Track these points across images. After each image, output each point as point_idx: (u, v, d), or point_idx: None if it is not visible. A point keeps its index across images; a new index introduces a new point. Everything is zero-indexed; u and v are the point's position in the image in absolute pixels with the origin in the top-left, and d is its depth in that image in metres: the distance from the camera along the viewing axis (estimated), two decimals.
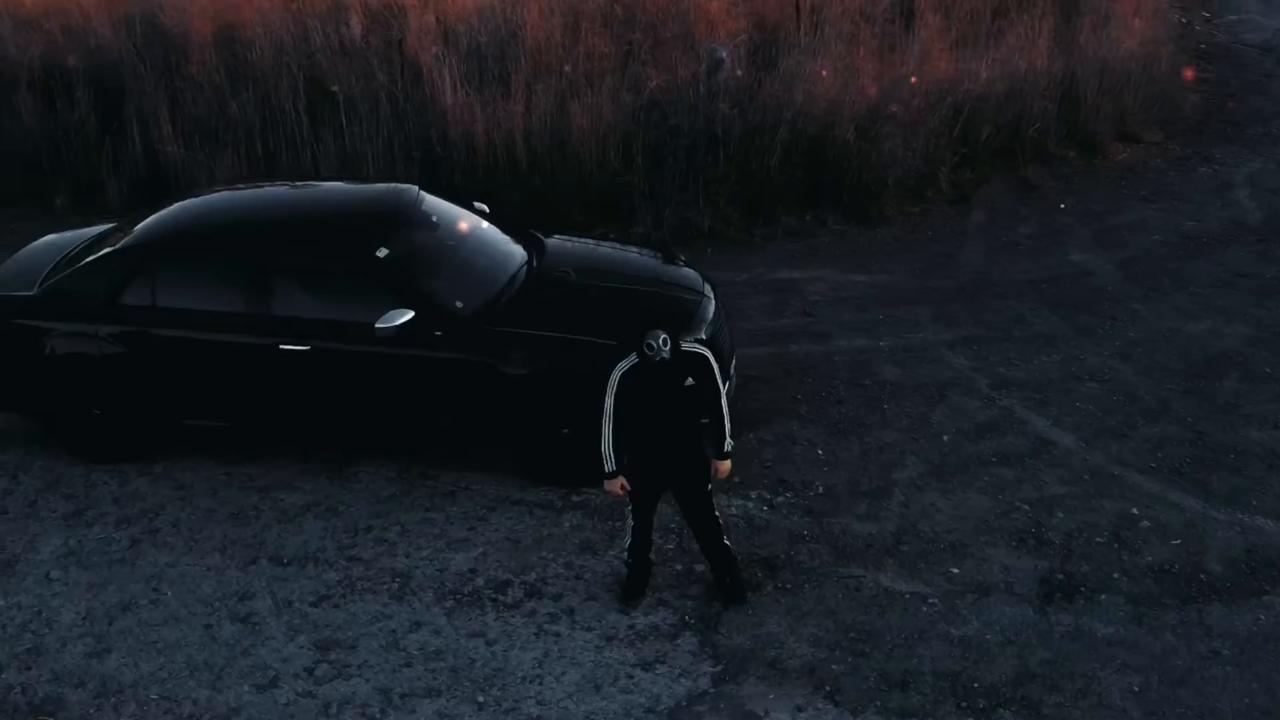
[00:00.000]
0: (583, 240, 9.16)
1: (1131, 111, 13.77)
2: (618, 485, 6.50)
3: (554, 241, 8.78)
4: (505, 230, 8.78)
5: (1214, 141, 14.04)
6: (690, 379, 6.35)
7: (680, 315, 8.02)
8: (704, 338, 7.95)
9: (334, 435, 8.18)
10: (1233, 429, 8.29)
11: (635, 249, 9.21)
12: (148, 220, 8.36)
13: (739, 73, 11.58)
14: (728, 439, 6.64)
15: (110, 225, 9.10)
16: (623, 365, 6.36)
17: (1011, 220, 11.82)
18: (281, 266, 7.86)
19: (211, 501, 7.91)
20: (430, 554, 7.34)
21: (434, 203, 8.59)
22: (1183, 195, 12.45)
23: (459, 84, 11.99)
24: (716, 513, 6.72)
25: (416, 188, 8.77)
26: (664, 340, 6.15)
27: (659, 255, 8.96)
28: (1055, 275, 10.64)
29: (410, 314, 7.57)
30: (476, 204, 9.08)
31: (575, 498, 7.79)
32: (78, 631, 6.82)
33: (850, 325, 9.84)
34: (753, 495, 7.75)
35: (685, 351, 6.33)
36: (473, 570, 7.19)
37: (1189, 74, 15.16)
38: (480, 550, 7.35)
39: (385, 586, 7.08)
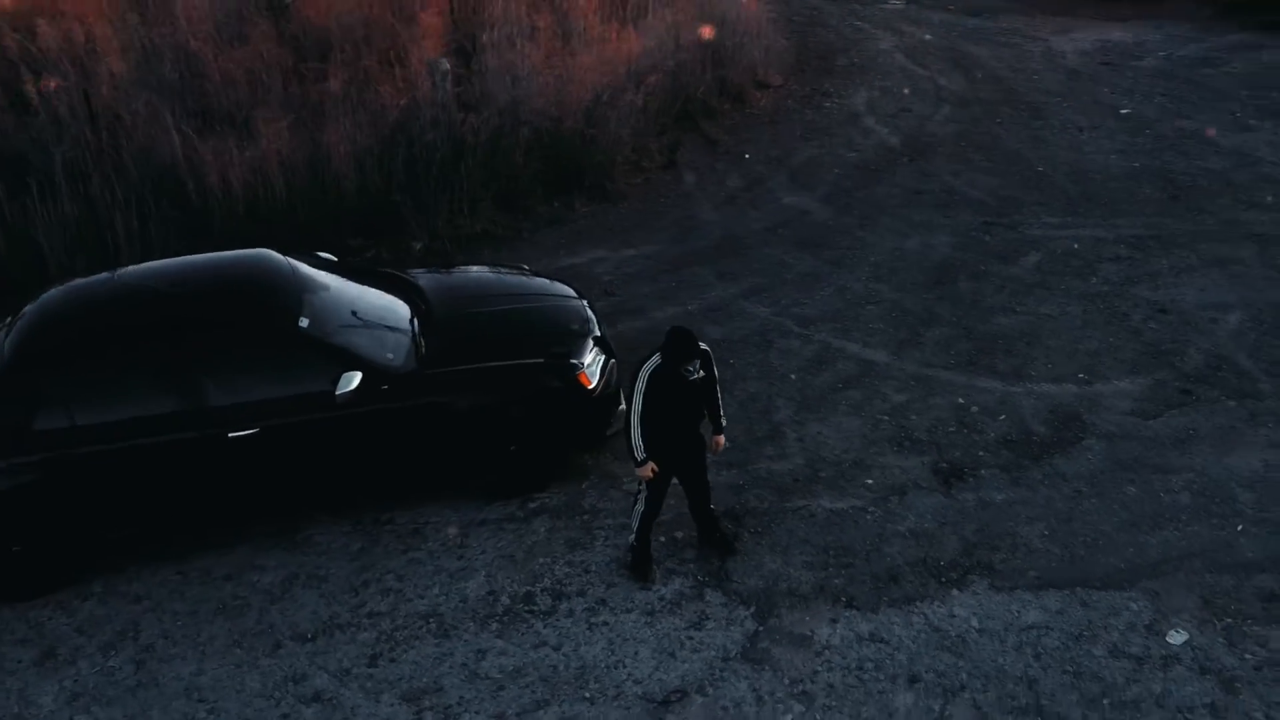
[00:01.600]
0: (446, 271, 9.67)
1: (757, 63, 15.94)
2: (648, 470, 7.44)
3: (423, 278, 9.25)
4: (370, 277, 9.15)
5: (819, 77, 16.58)
6: (702, 371, 7.39)
7: (579, 320, 8.96)
8: (600, 335, 8.96)
9: (288, 506, 8.31)
10: (987, 320, 10.55)
11: (490, 268, 9.85)
12: (23, 336, 7.89)
13: (469, 79, 12.24)
14: (722, 418, 7.77)
15: None
16: (648, 367, 7.28)
17: (717, 176, 13.53)
18: (206, 356, 7.81)
19: (183, 604, 7.84)
20: (440, 590, 7.86)
21: (302, 264, 8.76)
22: (828, 130, 14.77)
23: (179, 128, 11.70)
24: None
25: (275, 252, 8.85)
26: (697, 364, 7.17)
27: (519, 270, 9.70)
28: (783, 219, 12.49)
29: (359, 375, 7.90)
30: (322, 254, 9.32)
31: (531, 505, 8.56)
32: None
33: (654, 296, 11.10)
34: None
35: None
36: (491, 592, 7.82)
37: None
38: (484, 573, 7.97)
39: (424, 629, 7.55)
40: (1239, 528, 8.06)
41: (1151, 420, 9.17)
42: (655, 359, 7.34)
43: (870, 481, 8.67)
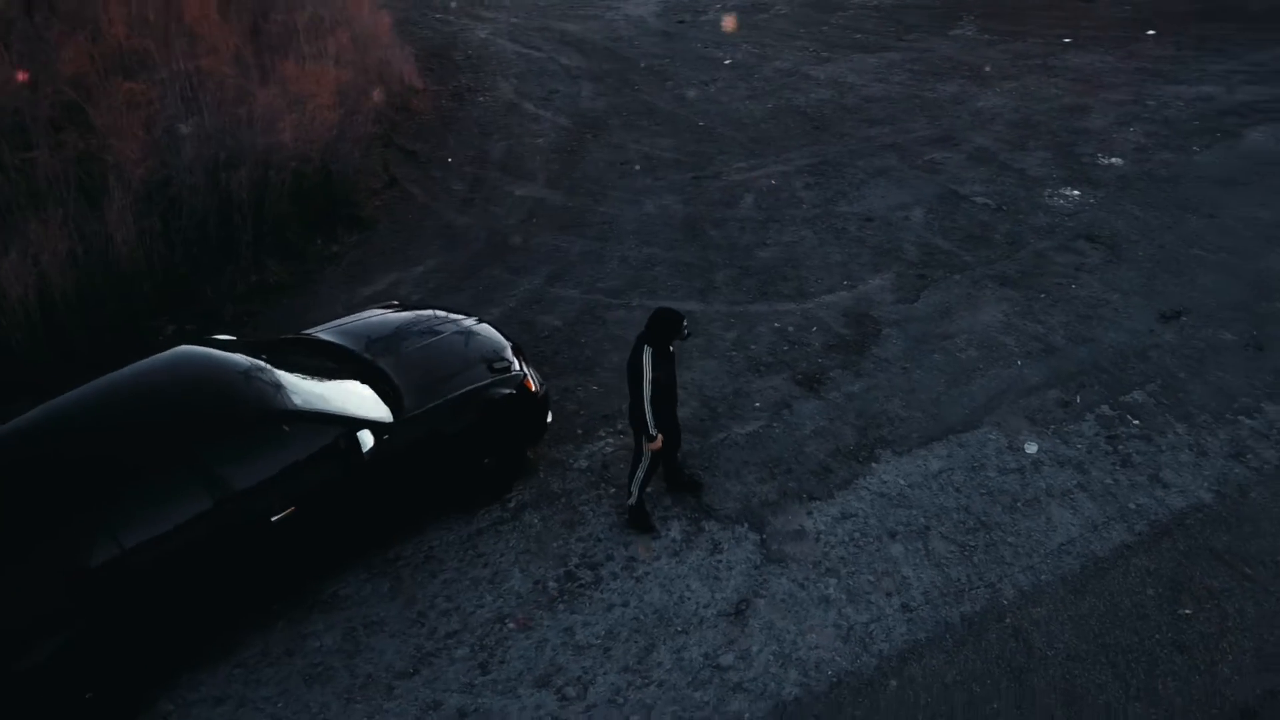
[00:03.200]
0: (343, 323, 10.14)
1: (402, 72, 16.91)
2: (660, 442, 8.86)
3: (329, 334, 9.80)
4: (283, 344, 9.59)
5: (451, 74, 17.85)
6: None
7: (490, 336, 10.02)
8: (515, 343, 10.11)
9: (325, 568, 8.77)
10: (751, 256, 12.75)
11: (374, 310, 10.47)
12: (46, 466, 7.75)
13: (207, 136, 12.33)
14: None
15: None
16: (648, 355, 8.63)
17: (439, 184, 14.54)
18: (231, 455, 8.08)
19: (268, 689, 8.17)
20: (492, 595, 8.80)
21: (228, 351, 9.05)
22: (500, 123, 16.17)
23: None
24: None
25: (195, 346, 9.05)
26: (685, 327, 8.66)
27: (394, 307, 10.47)
28: (528, 210, 13.87)
29: (369, 431, 8.57)
30: (219, 337, 9.60)
31: (510, 505, 9.62)
32: None
33: (471, 303, 12.12)
34: (602, 434, 10.30)
35: None
36: (537, 583, 8.90)
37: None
38: (517, 570, 9.01)
39: (505, 629, 8.51)
40: (1018, 363, 10.94)
41: (915, 303, 11.85)
42: (648, 348, 8.73)
43: (758, 404, 10.60)
